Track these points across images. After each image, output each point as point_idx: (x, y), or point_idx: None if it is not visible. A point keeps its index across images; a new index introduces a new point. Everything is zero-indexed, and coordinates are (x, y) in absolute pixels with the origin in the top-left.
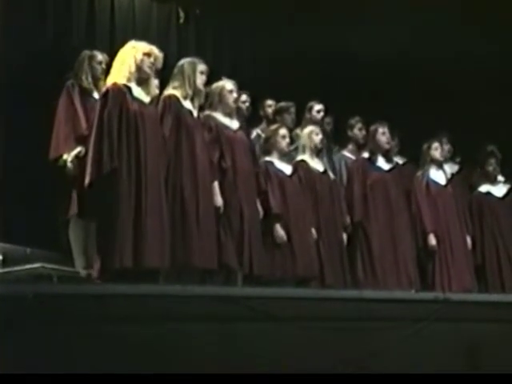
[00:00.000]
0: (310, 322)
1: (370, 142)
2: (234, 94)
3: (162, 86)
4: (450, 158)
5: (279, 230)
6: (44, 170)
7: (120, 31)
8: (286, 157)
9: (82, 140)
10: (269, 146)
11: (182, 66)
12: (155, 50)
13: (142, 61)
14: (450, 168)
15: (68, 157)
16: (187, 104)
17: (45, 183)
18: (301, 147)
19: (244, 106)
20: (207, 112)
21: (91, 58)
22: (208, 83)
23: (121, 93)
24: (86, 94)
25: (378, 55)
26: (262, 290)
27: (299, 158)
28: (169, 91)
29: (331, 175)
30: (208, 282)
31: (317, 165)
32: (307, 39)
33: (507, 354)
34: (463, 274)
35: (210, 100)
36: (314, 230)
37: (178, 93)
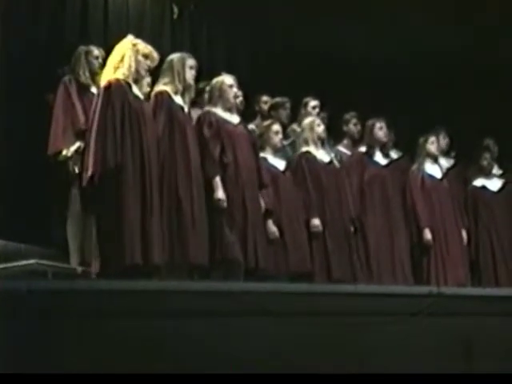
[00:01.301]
0: (303, 317)
1: (367, 137)
2: (234, 89)
3: (153, 83)
4: (446, 153)
5: (271, 226)
6: (39, 166)
7: (114, 27)
8: (280, 152)
9: (80, 135)
10: (262, 141)
11: (172, 61)
12: (154, 53)
13: (140, 62)
14: (446, 162)
15: (68, 152)
16: (178, 99)
17: (40, 179)
18: (302, 140)
19: (238, 101)
20: (207, 108)
21: (88, 52)
22: (201, 78)
23: (123, 88)
24: (83, 88)
25: (373, 50)
26: (260, 285)
27: (304, 149)
28: (160, 87)
29: (337, 165)
30: (207, 277)
31: (322, 155)
32: (302, 35)
33: (501, 348)
34: (458, 268)
35: (209, 95)
36: (318, 221)
37: (168, 88)
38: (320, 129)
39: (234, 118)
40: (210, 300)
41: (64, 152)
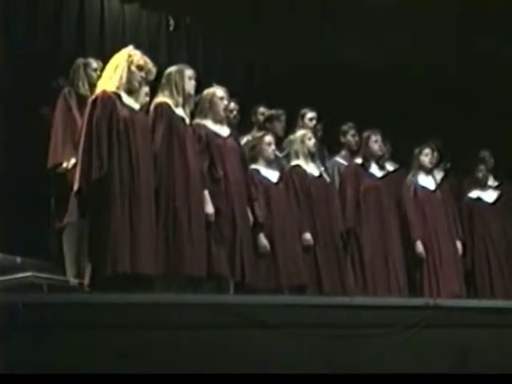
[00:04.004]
0: (300, 328)
1: (362, 149)
2: (225, 102)
3: (152, 94)
4: (437, 164)
5: (262, 240)
6: (36, 178)
7: (110, 40)
8: (273, 164)
9: None
10: (255, 153)
11: (170, 74)
12: (149, 65)
13: (133, 73)
14: (438, 174)
15: (68, 165)
16: (179, 111)
17: (37, 192)
18: (293, 153)
19: (231, 115)
20: (197, 120)
21: (86, 65)
22: (198, 90)
23: (110, 100)
24: (82, 101)
25: (370, 62)
26: (253, 298)
27: (294, 163)
28: (160, 99)
29: (327, 179)
30: (199, 289)
31: (312, 169)
32: (298, 46)
33: (497, 359)
34: (452, 280)
35: (200, 107)
36: (309, 235)
37: (169, 100)
38: (311, 142)
39: (224, 131)
40: (202, 312)
41: (64, 164)
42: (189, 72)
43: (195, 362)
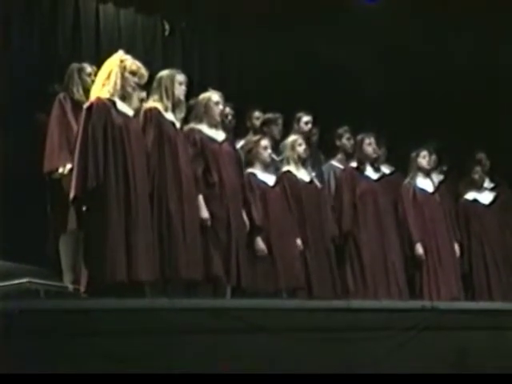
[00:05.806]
0: (297, 332)
1: (357, 152)
2: (220, 106)
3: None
4: (436, 167)
5: (260, 244)
6: (32, 184)
7: (105, 44)
8: (270, 167)
9: None
10: (251, 157)
11: (161, 78)
12: (142, 69)
13: (127, 79)
14: (436, 177)
15: (64, 170)
16: (169, 116)
17: (33, 197)
18: (285, 158)
19: (227, 120)
20: (192, 124)
21: (80, 70)
22: (193, 95)
23: (105, 107)
24: (77, 106)
25: (364, 65)
26: (252, 302)
27: (284, 169)
28: (149, 104)
29: (318, 184)
30: (195, 293)
31: (303, 175)
32: (294, 51)
33: (495, 361)
34: (451, 282)
35: (195, 111)
36: (299, 241)
37: (158, 105)
38: (301, 148)
39: (220, 135)
40: (200, 317)
41: (60, 170)
42: (180, 77)
43: (194, 365)
